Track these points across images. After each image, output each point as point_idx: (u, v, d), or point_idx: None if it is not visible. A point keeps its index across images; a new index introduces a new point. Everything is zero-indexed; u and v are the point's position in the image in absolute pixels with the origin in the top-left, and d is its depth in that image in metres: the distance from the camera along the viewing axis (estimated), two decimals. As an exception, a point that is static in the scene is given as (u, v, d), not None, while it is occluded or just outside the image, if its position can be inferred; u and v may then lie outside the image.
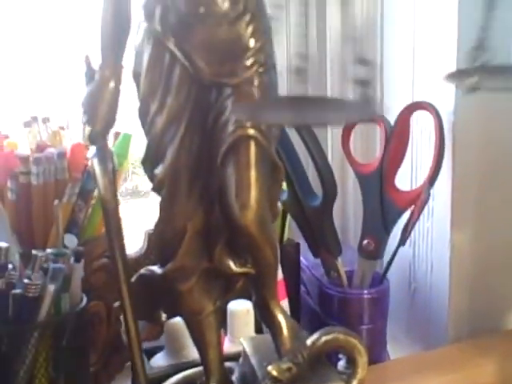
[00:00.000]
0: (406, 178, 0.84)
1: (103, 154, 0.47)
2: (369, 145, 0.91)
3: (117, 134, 0.74)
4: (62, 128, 0.77)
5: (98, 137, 0.48)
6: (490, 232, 0.82)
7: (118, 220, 0.50)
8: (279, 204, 0.57)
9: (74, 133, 0.77)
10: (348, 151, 0.81)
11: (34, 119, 0.75)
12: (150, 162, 0.50)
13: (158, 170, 0.49)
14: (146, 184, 1.05)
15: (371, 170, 0.78)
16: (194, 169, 0.49)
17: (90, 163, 0.51)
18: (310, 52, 0.91)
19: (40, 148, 0.68)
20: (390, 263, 0.79)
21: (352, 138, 0.81)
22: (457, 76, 0.43)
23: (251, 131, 0.46)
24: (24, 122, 0.74)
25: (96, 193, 0.68)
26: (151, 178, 0.50)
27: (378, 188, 0.78)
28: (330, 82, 0.93)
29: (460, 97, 0.76)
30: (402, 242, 0.76)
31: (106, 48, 0.48)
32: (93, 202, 0.71)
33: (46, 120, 0.76)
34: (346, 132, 0.81)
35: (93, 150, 0.48)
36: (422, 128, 0.81)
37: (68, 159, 0.68)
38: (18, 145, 0.71)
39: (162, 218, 0.50)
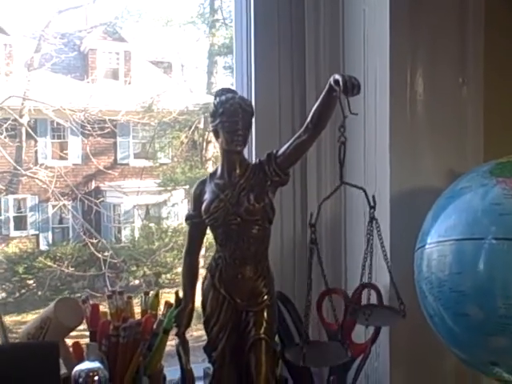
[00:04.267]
0: (361, 332, 1.23)
1: (185, 346, 0.89)
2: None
3: (169, 305, 1.14)
4: (130, 297, 1.17)
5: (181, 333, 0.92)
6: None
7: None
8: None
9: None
10: (321, 314, 1.20)
11: (114, 292, 1.16)
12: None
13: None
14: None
15: (336, 328, 1.17)
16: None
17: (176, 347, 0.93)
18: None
19: (124, 319, 1.07)
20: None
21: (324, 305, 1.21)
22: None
23: (262, 335, 0.87)
24: (107, 294, 1.15)
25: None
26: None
27: (341, 340, 1.17)
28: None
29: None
30: (355, 379, 1.15)
31: (185, 286, 0.93)
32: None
33: (121, 293, 1.17)
34: (320, 301, 1.20)
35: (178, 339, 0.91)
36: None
37: (142, 326, 1.07)
38: (107, 314, 1.11)
39: None
